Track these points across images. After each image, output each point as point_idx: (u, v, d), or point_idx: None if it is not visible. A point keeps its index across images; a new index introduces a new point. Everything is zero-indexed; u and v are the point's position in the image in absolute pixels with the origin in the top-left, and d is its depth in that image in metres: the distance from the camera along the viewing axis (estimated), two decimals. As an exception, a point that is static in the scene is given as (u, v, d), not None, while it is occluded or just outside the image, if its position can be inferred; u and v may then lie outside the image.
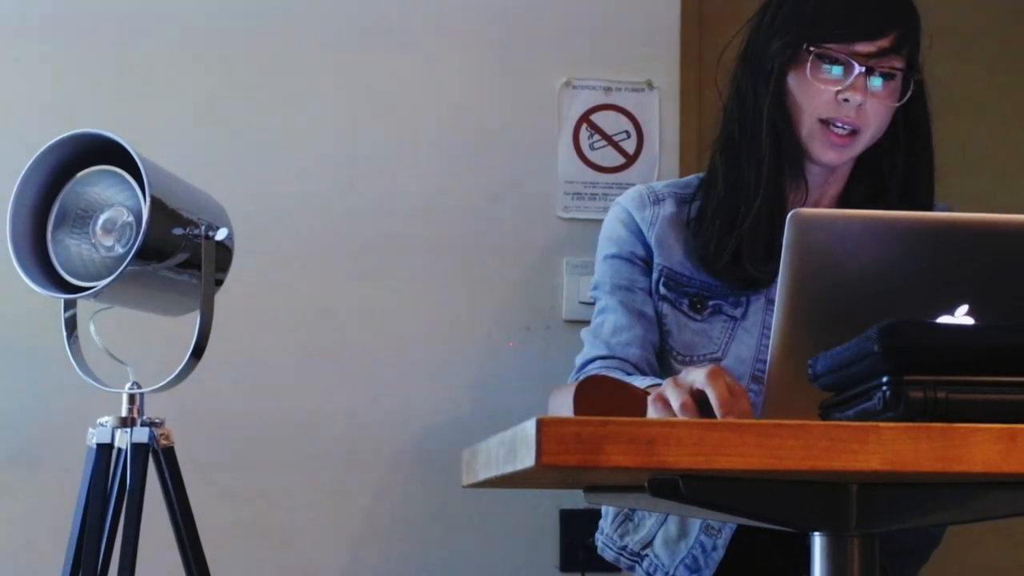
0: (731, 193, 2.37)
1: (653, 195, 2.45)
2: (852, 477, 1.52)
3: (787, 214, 1.66)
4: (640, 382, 2.12)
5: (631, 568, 2.41)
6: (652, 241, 2.41)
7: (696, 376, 1.82)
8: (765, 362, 1.77)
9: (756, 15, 2.42)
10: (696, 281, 2.39)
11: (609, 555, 2.44)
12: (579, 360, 2.40)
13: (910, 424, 1.41)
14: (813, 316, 1.66)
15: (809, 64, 2.32)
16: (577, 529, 2.80)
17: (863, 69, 2.30)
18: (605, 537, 2.45)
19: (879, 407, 1.46)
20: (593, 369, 2.34)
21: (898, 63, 2.33)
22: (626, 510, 2.42)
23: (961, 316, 1.61)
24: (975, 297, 1.62)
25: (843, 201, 2.43)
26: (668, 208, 2.43)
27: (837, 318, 1.64)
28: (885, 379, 1.45)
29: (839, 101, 2.31)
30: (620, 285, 2.41)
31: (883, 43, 2.31)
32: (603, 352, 2.36)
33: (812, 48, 2.32)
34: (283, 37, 2.84)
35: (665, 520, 2.37)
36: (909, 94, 2.34)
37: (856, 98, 2.30)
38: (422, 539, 2.81)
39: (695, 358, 2.35)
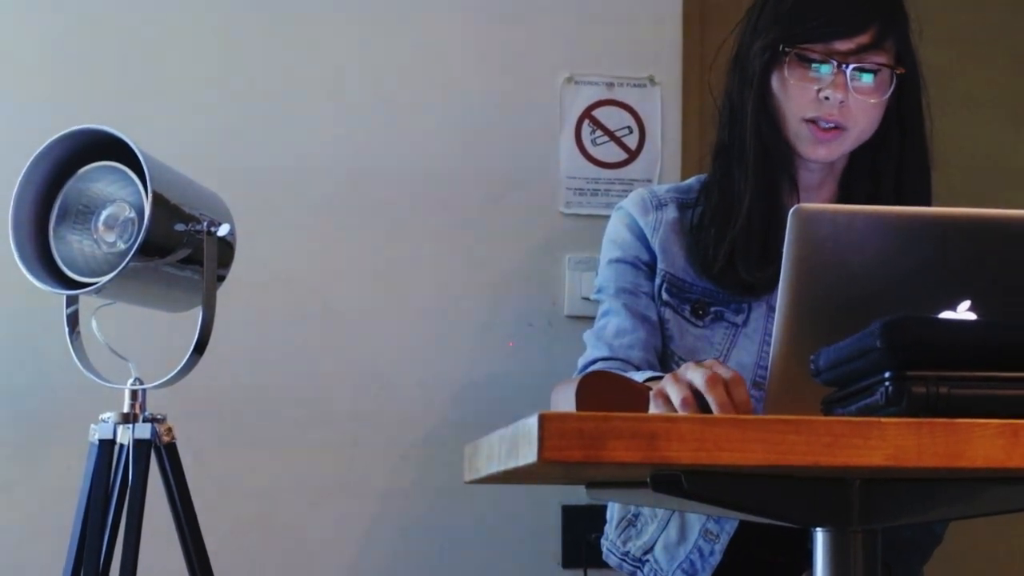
0: (723, 198, 2.38)
1: (656, 200, 2.45)
2: (855, 473, 1.52)
3: (781, 218, 1.65)
4: (640, 376, 2.12)
5: (633, 574, 2.41)
6: (656, 246, 2.40)
7: (695, 377, 1.82)
8: (766, 368, 1.77)
9: (743, 20, 2.42)
10: (698, 287, 2.39)
11: (613, 560, 2.45)
12: (581, 361, 2.40)
13: (913, 419, 1.41)
14: (815, 311, 1.66)
15: (788, 64, 2.32)
16: (579, 525, 2.80)
17: (843, 67, 2.29)
18: (609, 543, 2.46)
19: (882, 402, 1.45)
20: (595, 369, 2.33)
21: (880, 58, 2.32)
22: (630, 516, 2.42)
23: (963, 312, 1.61)
24: (977, 293, 1.62)
25: (839, 202, 2.42)
26: (670, 213, 2.43)
27: (839, 313, 1.64)
28: (888, 374, 1.45)
29: (820, 99, 2.31)
30: (624, 288, 2.41)
31: (862, 39, 2.30)
32: (605, 353, 2.36)
33: (789, 48, 2.31)
34: (284, 33, 2.84)
35: (666, 526, 2.37)
36: (892, 88, 2.33)
37: (836, 95, 2.29)
38: (424, 535, 2.81)
39: None
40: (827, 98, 2.30)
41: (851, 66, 2.29)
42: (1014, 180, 3.28)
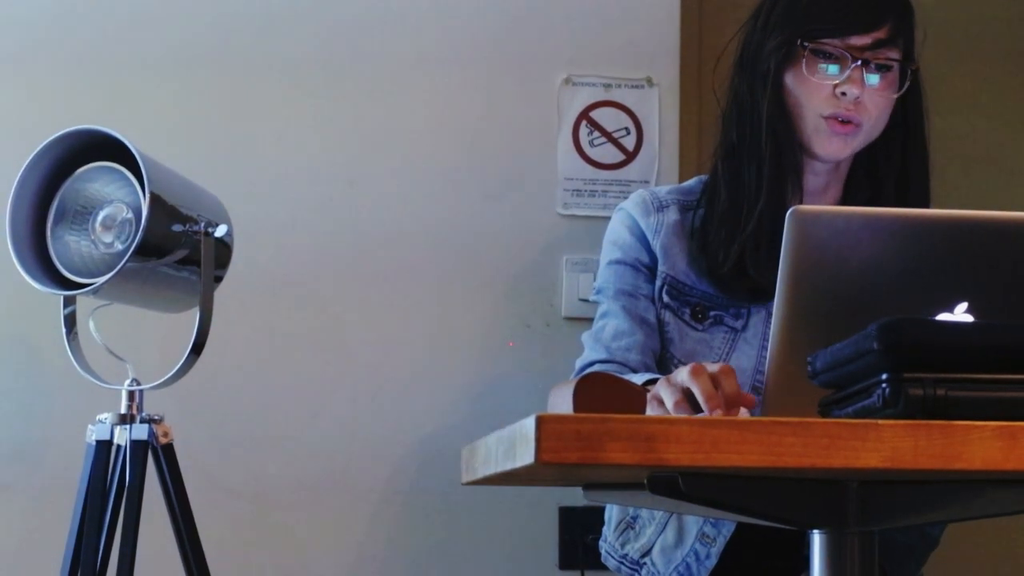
0: (733, 200, 2.36)
1: (657, 201, 2.44)
2: (851, 475, 1.52)
3: None
4: (638, 379, 2.12)
5: (631, 576, 2.42)
6: (657, 249, 2.40)
7: (683, 375, 1.82)
8: (764, 373, 1.77)
9: (749, 20, 2.41)
10: (697, 291, 2.38)
11: (611, 563, 2.44)
12: (579, 363, 2.39)
13: (910, 422, 1.41)
14: (813, 313, 1.66)
15: (805, 61, 2.31)
16: (576, 527, 2.80)
17: (859, 62, 2.29)
18: (608, 545, 2.45)
19: (879, 404, 1.45)
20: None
21: (894, 54, 2.32)
22: (628, 518, 2.42)
23: (960, 313, 1.61)
24: (974, 294, 1.62)
25: (843, 204, 2.42)
26: (672, 216, 2.42)
27: (837, 315, 1.64)
28: (885, 376, 1.45)
29: (837, 96, 2.30)
30: (623, 291, 2.40)
31: (878, 35, 2.30)
32: (603, 356, 2.36)
33: (807, 44, 2.31)
34: (283, 35, 2.84)
35: (664, 528, 2.37)
36: (907, 85, 2.34)
37: (853, 91, 2.29)
38: (421, 536, 2.81)
39: None
40: (844, 94, 2.30)
41: (868, 62, 2.29)
42: (1013, 180, 3.27)
